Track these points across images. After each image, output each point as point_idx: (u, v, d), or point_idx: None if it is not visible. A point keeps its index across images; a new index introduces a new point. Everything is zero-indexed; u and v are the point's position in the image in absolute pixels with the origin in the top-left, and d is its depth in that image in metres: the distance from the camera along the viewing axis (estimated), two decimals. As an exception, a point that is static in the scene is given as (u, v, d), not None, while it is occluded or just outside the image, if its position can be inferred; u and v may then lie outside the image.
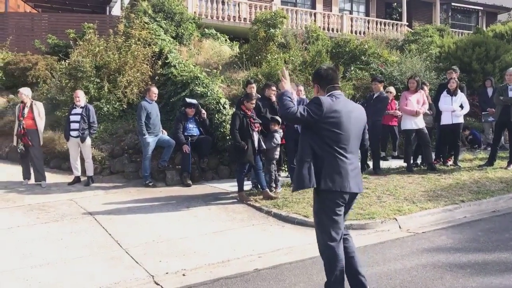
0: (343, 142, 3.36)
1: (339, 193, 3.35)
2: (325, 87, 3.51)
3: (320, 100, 3.35)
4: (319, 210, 3.45)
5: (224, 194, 7.51)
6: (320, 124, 3.32)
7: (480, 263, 4.31)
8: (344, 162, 3.36)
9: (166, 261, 4.71)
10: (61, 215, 6.43)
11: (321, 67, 3.66)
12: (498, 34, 16.09)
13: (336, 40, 13.00)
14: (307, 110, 3.32)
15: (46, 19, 15.60)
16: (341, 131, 3.35)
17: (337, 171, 3.33)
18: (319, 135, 3.35)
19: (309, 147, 3.37)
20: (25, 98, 8.15)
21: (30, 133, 8.01)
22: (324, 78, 3.53)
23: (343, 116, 3.36)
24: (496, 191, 6.85)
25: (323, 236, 3.43)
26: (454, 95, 8.64)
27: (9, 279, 4.31)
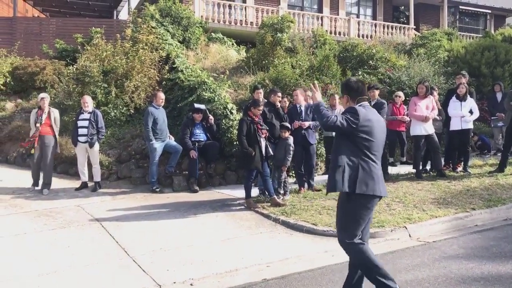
0: (374, 149, 3.62)
1: (371, 197, 3.58)
2: (355, 98, 3.75)
3: (356, 109, 3.61)
4: (348, 214, 3.61)
5: (231, 201, 7.45)
6: (355, 132, 3.56)
7: (493, 275, 4.22)
8: (375, 167, 3.62)
9: (174, 270, 4.67)
10: (68, 221, 6.42)
11: (351, 80, 3.90)
12: (507, 37, 15.94)
13: (343, 45, 12.93)
14: (346, 119, 3.57)
15: (54, 23, 15.67)
16: (373, 138, 3.61)
17: (371, 176, 3.56)
18: (354, 142, 3.59)
19: (344, 153, 3.60)
20: (46, 104, 8.10)
21: (47, 140, 7.99)
22: (355, 90, 3.77)
23: (374, 124, 3.63)
24: (507, 199, 6.74)
25: (348, 239, 3.59)
26: (463, 101, 8.54)
27: (15, 287, 4.28)
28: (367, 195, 3.54)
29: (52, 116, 8.14)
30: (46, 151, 8.00)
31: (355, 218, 3.58)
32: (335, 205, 6.55)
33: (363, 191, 3.52)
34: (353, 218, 3.58)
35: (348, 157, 3.58)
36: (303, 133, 7.55)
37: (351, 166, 3.55)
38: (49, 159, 8.03)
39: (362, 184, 3.52)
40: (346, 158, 3.58)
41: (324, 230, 5.70)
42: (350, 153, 3.59)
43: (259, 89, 8.22)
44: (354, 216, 3.58)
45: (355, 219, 3.58)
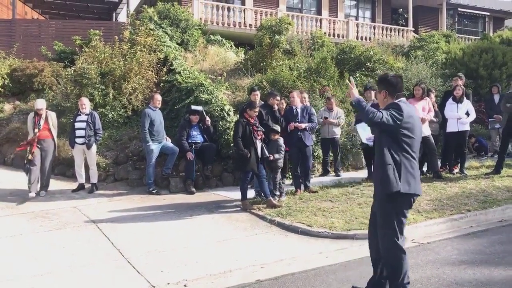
0: (415, 146, 3.58)
1: (412, 196, 3.54)
2: (394, 94, 3.65)
3: (400, 106, 3.51)
4: (391, 213, 3.53)
5: (227, 202, 7.47)
6: (398, 128, 3.48)
7: (486, 276, 4.23)
8: (416, 165, 3.58)
9: (168, 271, 4.68)
10: (64, 223, 6.43)
11: (389, 74, 3.80)
12: (505, 40, 15.99)
13: (341, 47, 12.95)
14: (391, 115, 3.46)
15: (53, 25, 15.72)
16: (414, 135, 3.55)
17: (413, 174, 3.51)
18: (396, 140, 3.51)
19: (388, 151, 3.51)
20: (43, 111, 8.00)
21: (46, 143, 7.92)
22: (395, 85, 3.66)
23: (415, 122, 3.58)
24: (503, 200, 6.75)
25: (391, 237, 3.53)
26: (460, 103, 8.57)
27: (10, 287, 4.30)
28: (408, 194, 3.49)
29: (49, 120, 8.08)
30: (45, 155, 7.92)
31: (397, 218, 3.52)
32: (331, 207, 6.66)
33: (406, 190, 3.45)
34: (396, 218, 3.52)
35: (392, 155, 3.50)
36: (299, 135, 7.57)
37: (395, 164, 3.48)
38: (48, 162, 7.97)
39: (405, 183, 3.46)
40: (389, 156, 3.49)
41: (319, 232, 5.71)
42: (393, 150, 3.50)
43: (255, 91, 8.25)
44: (396, 215, 3.52)
45: (398, 219, 3.52)
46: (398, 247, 3.52)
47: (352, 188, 7.71)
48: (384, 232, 3.59)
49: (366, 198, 7.01)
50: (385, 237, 3.57)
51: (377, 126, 3.55)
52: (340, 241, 5.48)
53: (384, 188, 3.51)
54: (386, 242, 3.58)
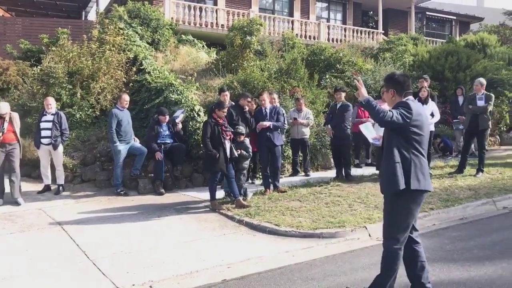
0: (424, 143, 3.61)
1: (422, 192, 3.56)
2: (401, 93, 3.67)
3: (409, 104, 3.53)
4: (398, 211, 3.55)
5: (196, 203, 7.45)
6: (408, 126, 3.50)
7: (444, 272, 4.37)
8: (425, 162, 3.61)
9: (134, 272, 4.63)
10: (28, 225, 6.29)
11: (396, 73, 3.81)
12: (470, 43, 16.49)
13: (311, 48, 13.10)
14: (400, 114, 3.47)
15: (19, 23, 15.28)
16: (423, 133, 3.58)
17: (422, 171, 3.54)
18: (405, 137, 3.53)
19: (397, 149, 3.53)
20: (7, 114, 7.51)
21: (12, 146, 7.46)
22: (402, 84, 3.69)
23: (424, 119, 3.61)
24: (464, 199, 6.98)
25: (396, 237, 3.55)
26: (425, 104, 8.77)
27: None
28: (419, 191, 3.51)
29: (14, 121, 7.60)
30: (13, 159, 7.47)
31: (406, 215, 3.53)
32: (299, 206, 6.74)
33: (416, 187, 3.47)
34: (404, 215, 3.53)
35: (401, 152, 3.52)
36: (268, 135, 7.63)
37: (404, 161, 3.50)
38: (17, 165, 7.51)
39: (415, 179, 3.48)
40: (399, 153, 3.52)
41: (286, 231, 5.77)
42: (403, 148, 3.52)
43: (225, 91, 8.26)
44: (405, 212, 3.53)
45: (406, 216, 3.53)
46: (398, 245, 3.56)
47: (320, 188, 7.81)
48: (388, 229, 3.62)
49: (334, 198, 7.13)
50: (388, 234, 3.61)
51: (388, 125, 3.55)
52: (307, 240, 5.55)
53: (392, 187, 3.53)
54: (388, 239, 3.61)
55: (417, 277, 3.67)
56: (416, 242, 3.69)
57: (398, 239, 3.55)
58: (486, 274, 4.26)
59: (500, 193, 7.26)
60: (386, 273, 3.63)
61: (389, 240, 3.60)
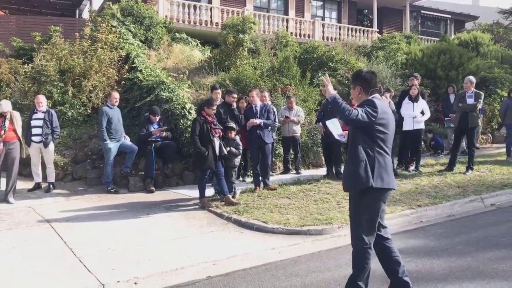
0: (389, 142, 3.63)
1: (386, 190, 3.58)
2: (368, 90, 3.67)
3: (375, 102, 3.53)
4: (362, 209, 3.56)
5: (186, 201, 7.47)
6: (373, 124, 3.51)
7: (427, 268, 4.41)
8: (389, 160, 3.62)
9: (119, 269, 4.64)
10: (16, 223, 6.29)
11: (363, 71, 3.81)
12: (463, 42, 16.55)
13: (304, 47, 13.11)
14: (366, 112, 3.47)
15: (13, 21, 15.23)
16: (388, 131, 3.60)
17: (386, 169, 3.55)
18: (370, 136, 3.53)
19: (361, 147, 3.53)
20: (8, 112, 7.51)
21: (13, 145, 7.43)
22: (369, 81, 3.69)
23: (389, 117, 3.62)
24: (452, 196, 7.01)
25: (361, 236, 3.56)
26: (415, 102, 8.84)
27: (-48, 290, 4.19)
28: (382, 189, 3.52)
29: (14, 120, 7.57)
30: (13, 158, 7.44)
31: (371, 213, 3.55)
32: (287, 204, 6.76)
33: (379, 185, 3.48)
34: (369, 213, 3.55)
35: (366, 150, 3.52)
36: (258, 133, 7.65)
37: (369, 160, 3.50)
38: (16, 165, 7.49)
39: (378, 178, 3.48)
40: (364, 151, 3.51)
41: (273, 228, 5.79)
42: (367, 146, 3.53)
43: (217, 89, 8.28)
44: (369, 211, 3.55)
45: (371, 214, 3.55)
46: (365, 243, 3.56)
47: (310, 185, 7.84)
48: (353, 227, 3.64)
49: (323, 195, 7.16)
50: (354, 233, 3.63)
51: (353, 123, 3.54)
52: (294, 237, 5.57)
53: (356, 184, 3.55)
54: (354, 237, 3.63)
55: (393, 272, 3.70)
56: (386, 239, 3.71)
57: (365, 237, 3.56)
58: (468, 270, 4.30)
59: (488, 191, 7.30)
60: (358, 272, 3.63)
61: (357, 239, 3.61)
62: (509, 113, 10.58)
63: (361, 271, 3.61)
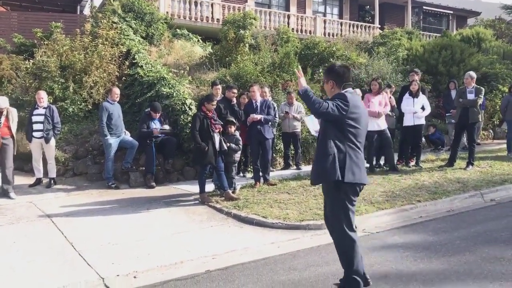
0: (361, 136, 3.61)
1: (358, 185, 3.59)
2: (341, 84, 3.66)
3: (346, 96, 3.53)
4: (338, 203, 3.58)
5: (186, 196, 7.50)
6: (344, 118, 3.50)
7: (425, 261, 4.42)
8: (361, 155, 3.62)
9: (119, 263, 4.68)
10: (17, 217, 6.33)
11: (336, 65, 3.78)
12: (465, 37, 16.50)
13: (305, 42, 13.10)
14: (336, 106, 3.47)
15: (14, 17, 15.25)
16: (360, 126, 3.58)
17: (357, 164, 3.54)
18: (341, 130, 3.53)
19: (332, 141, 3.53)
20: (4, 108, 7.52)
21: (5, 141, 7.47)
22: (341, 75, 3.68)
23: (361, 112, 3.61)
24: (452, 191, 7.01)
25: (342, 228, 3.58)
26: (416, 97, 8.83)
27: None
28: (354, 183, 3.53)
29: (10, 116, 7.62)
30: (6, 154, 7.48)
31: (346, 207, 3.56)
32: (287, 199, 6.78)
33: (350, 180, 3.49)
34: (344, 207, 3.56)
35: (336, 145, 3.51)
36: (259, 128, 7.66)
37: (339, 154, 3.50)
38: (10, 160, 7.54)
39: (350, 172, 3.49)
40: (334, 146, 3.51)
41: (273, 223, 5.81)
42: (338, 140, 3.52)
43: (217, 84, 8.29)
44: (344, 204, 3.56)
45: (346, 208, 3.56)
46: (348, 236, 3.58)
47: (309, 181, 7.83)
48: (333, 222, 3.66)
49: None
50: (334, 227, 3.65)
51: (323, 116, 3.55)
52: (293, 232, 5.60)
53: (326, 177, 3.55)
54: (336, 231, 3.65)
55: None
56: None
57: (344, 227, 3.58)
58: (466, 264, 4.31)
59: (488, 186, 7.30)
60: (349, 267, 3.61)
61: (338, 233, 3.63)
62: (510, 108, 10.54)
63: (351, 265, 3.60)
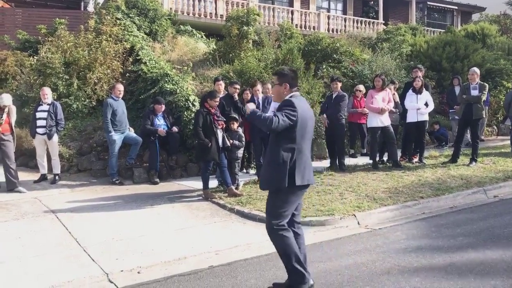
0: (308, 139, 3.66)
1: (305, 186, 3.67)
2: (293, 87, 3.71)
3: (293, 103, 3.55)
4: (279, 202, 3.62)
5: (190, 192, 7.53)
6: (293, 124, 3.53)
7: (427, 258, 4.43)
8: (308, 157, 3.67)
9: (123, 258, 4.72)
10: (22, 213, 6.38)
11: (285, 69, 3.82)
12: (470, 33, 16.41)
13: (308, 38, 13.07)
14: (287, 116, 3.49)
15: (19, 14, 15.33)
16: (307, 129, 3.63)
17: (306, 166, 3.62)
18: (289, 135, 3.56)
19: (281, 147, 3.56)
20: (6, 105, 7.60)
21: (7, 137, 7.56)
22: (294, 78, 3.74)
23: (307, 115, 3.64)
24: (455, 188, 7.00)
25: (276, 226, 3.62)
26: (419, 93, 8.80)
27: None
28: (303, 186, 3.63)
29: (11, 113, 7.70)
30: (8, 150, 7.57)
31: (286, 205, 3.63)
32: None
33: (299, 183, 3.56)
34: (285, 205, 3.63)
35: (286, 151, 3.55)
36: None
37: (289, 160, 3.54)
38: (11, 156, 7.62)
39: (299, 176, 3.56)
40: (284, 152, 3.54)
41: (276, 219, 5.82)
42: (286, 146, 3.55)
43: (219, 80, 8.28)
44: (285, 203, 3.63)
45: (287, 206, 3.63)
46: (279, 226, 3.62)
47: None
48: (272, 218, 3.66)
49: (325, 187, 7.19)
50: (271, 224, 3.66)
51: (277, 130, 3.51)
52: (296, 228, 5.61)
53: (274, 185, 3.62)
54: (271, 228, 3.67)
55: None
56: (298, 235, 3.80)
57: (279, 223, 3.62)
58: (468, 260, 4.32)
59: (492, 182, 7.28)
60: (288, 258, 3.65)
61: (271, 228, 3.66)
62: (514, 104, 10.50)
63: (290, 255, 3.64)
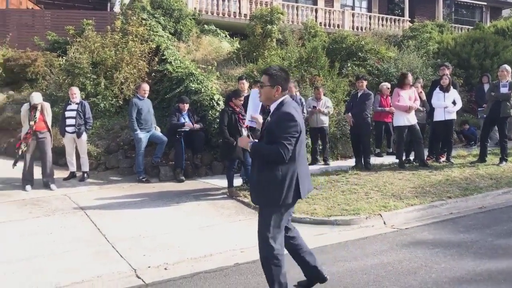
0: (303, 147, 3.42)
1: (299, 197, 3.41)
2: (284, 90, 3.42)
3: (294, 117, 3.27)
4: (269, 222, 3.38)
5: (215, 190, 7.59)
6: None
7: (456, 259, 4.36)
8: (304, 167, 3.47)
9: (150, 255, 4.80)
10: (53, 210, 6.56)
11: (276, 68, 3.47)
12: (500, 29, 15.95)
13: (333, 37, 12.99)
14: (291, 137, 3.24)
15: (48, 15, 15.71)
16: (302, 134, 3.36)
17: (305, 177, 3.42)
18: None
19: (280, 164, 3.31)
20: (39, 104, 7.76)
21: (43, 135, 7.74)
22: (287, 80, 3.45)
23: (301, 123, 3.36)
24: (484, 188, 6.86)
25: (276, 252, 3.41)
26: (446, 92, 8.65)
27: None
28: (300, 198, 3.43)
29: (45, 111, 7.87)
30: (44, 146, 7.76)
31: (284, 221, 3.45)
32: (315, 194, 6.79)
33: (303, 196, 3.39)
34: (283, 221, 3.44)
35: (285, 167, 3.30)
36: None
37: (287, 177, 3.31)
38: (48, 153, 7.81)
39: (297, 190, 3.34)
40: (283, 166, 3.30)
41: (300, 218, 5.82)
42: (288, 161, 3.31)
43: (242, 79, 8.31)
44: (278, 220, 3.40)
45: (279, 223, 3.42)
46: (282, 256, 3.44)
47: (337, 176, 7.82)
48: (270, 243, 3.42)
49: (351, 186, 7.14)
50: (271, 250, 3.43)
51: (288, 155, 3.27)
52: (321, 227, 5.61)
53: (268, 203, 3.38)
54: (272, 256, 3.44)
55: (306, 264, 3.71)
56: (293, 237, 3.67)
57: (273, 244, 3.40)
58: (498, 262, 4.23)
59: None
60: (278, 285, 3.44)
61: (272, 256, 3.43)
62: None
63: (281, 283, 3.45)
